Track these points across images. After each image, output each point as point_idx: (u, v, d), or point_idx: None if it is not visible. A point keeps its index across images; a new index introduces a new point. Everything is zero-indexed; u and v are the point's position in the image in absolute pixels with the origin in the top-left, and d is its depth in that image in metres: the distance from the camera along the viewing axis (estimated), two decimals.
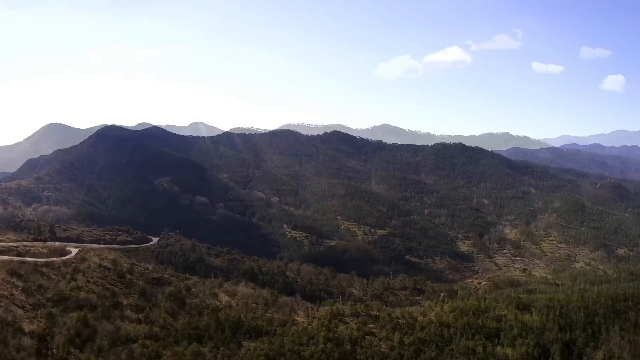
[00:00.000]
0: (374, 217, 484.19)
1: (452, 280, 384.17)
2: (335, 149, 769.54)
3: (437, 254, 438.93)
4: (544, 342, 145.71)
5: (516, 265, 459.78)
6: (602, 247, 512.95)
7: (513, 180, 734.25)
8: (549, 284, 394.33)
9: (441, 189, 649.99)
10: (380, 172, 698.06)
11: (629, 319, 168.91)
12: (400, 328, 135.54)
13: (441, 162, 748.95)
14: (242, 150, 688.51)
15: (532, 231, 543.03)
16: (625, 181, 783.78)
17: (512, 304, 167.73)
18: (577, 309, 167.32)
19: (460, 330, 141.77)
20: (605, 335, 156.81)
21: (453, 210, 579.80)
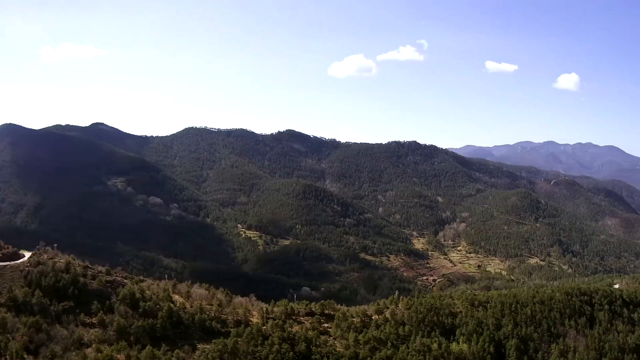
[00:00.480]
0: (329, 216, 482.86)
1: (407, 279, 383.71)
2: (290, 147, 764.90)
3: (391, 251, 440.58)
4: (500, 337, 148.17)
5: (471, 262, 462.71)
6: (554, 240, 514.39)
7: (468, 178, 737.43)
8: (504, 280, 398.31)
9: (395, 187, 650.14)
10: (335, 170, 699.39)
11: (585, 313, 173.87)
12: (355, 327, 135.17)
13: (395, 160, 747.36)
14: (197, 150, 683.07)
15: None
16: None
17: (467, 301, 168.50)
18: (532, 304, 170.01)
19: (416, 327, 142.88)
20: (561, 329, 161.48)
21: (407, 209, 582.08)
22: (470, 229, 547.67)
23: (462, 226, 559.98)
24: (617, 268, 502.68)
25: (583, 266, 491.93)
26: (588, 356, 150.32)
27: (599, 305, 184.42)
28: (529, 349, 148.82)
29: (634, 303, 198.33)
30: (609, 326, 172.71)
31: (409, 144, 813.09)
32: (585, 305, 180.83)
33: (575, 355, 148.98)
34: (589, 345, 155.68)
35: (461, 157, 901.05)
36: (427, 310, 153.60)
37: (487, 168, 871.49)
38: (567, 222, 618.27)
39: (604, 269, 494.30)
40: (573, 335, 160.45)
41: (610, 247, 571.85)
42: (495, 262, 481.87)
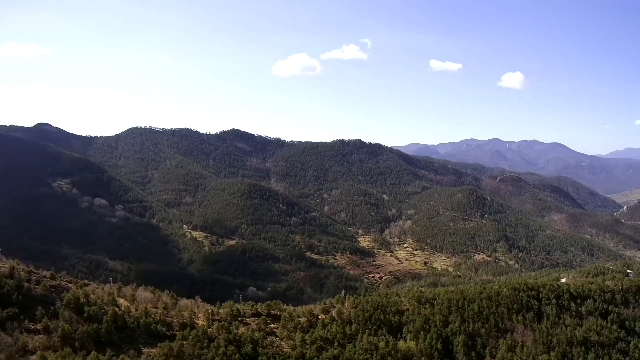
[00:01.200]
0: (274, 215, 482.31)
1: (353, 277, 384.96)
2: (235, 147, 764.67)
3: (337, 250, 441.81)
4: (447, 334, 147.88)
5: (417, 259, 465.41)
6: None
7: (413, 176, 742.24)
8: (451, 276, 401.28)
9: (341, 185, 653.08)
10: (280, 169, 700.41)
11: (532, 307, 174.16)
12: (301, 327, 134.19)
13: (341, 158, 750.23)
14: (142, 150, 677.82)
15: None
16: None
17: (414, 298, 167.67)
18: (479, 300, 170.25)
19: (363, 326, 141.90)
20: (508, 324, 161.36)
21: (353, 207, 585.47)
22: (416, 226, 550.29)
23: (408, 223, 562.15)
24: (563, 262, 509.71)
25: (529, 261, 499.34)
26: (536, 350, 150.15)
27: (546, 300, 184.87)
28: (476, 344, 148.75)
29: (581, 297, 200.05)
30: (557, 320, 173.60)
31: (354, 142, 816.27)
32: (533, 300, 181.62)
33: (523, 349, 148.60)
34: (536, 340, 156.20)
35: (406, 155, 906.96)
36: (373, 308, 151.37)
37: (433, 166, 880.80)
38: (513, 218, 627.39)
39: (551, 263, 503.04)
40: (521, 330, 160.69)
41: (557, 242, 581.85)
42: (441, 258, 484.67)
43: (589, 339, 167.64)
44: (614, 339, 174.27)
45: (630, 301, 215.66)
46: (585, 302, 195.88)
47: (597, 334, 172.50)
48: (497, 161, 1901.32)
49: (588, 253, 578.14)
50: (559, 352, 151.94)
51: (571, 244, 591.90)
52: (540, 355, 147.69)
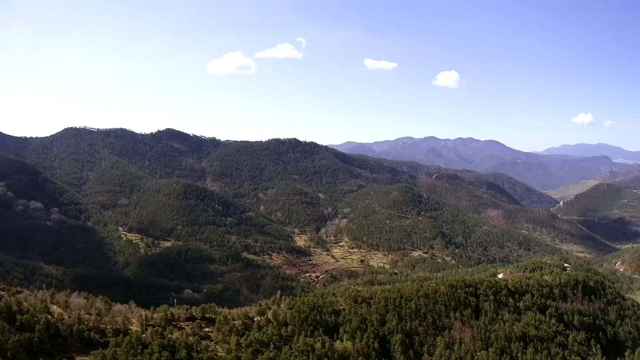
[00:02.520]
0: (210, 216, 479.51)
1: (289, 277, 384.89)
2: (170, 147, 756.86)
3: (274, 249, 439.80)
4: (384, 333, 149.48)
5: (354, 257, 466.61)
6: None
7: (349, 174, 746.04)
8: (387, 274, 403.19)
9: (277, 185, 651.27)
10: (216, 169, 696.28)
11: (470, 304, 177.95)
12: (237, 330, 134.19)
13: (276, 157, 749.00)
14: (77, 151, 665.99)
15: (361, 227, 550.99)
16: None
17: (350, 298, 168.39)
18: (416, 298, 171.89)
19: (299, 327, 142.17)
20: (446, 322, 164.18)
21: (289, 206, 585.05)
22: (353, 225, 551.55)
23: (344, 222, 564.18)
24: (500, 258, 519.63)
25: (466, 257, 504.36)
26: (474, 347, 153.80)
27: (484, 296, 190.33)
28: (414, 343, 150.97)
29: (519, 292, 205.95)
30: (495, 316, 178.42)
31: (289, 141, 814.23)
32: (471, 296, 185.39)
33: (461, 346, 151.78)
34: (475, 336, 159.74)
35: (342, 153, 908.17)
36: (309, 309, 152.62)
37: (368, 164, 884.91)
38: (450, 215, 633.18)
39: (487, 259, 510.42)
40: (459, 327, 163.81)
41: (493, 238, 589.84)
42: (378, 256, 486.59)
43: (528, 334, 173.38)
44: (553, 333, 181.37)
45: (568, 295, 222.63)
46: (523, 297, 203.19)
47: (535, 329, 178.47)
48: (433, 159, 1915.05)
49: (525, 248, 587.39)
50: (498, 347, 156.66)
51: (508, 239, 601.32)
52: (479, 351, 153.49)
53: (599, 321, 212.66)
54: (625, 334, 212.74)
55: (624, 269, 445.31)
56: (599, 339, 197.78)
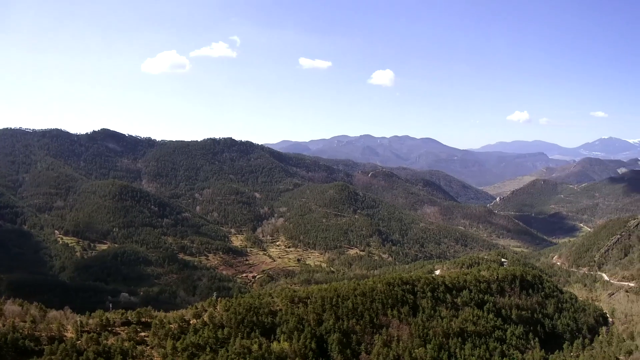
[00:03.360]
0: (146, 217, 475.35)
1: (226, 278, 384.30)
2: (106, 147, 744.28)
3: (210, 250, 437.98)
4: (322, 333, 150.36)
5: (290, 256, 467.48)
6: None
7: (285, 173, 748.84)
8: (324, 272, 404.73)
9: (212, 185, 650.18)
10: (151, 170, 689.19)
11: (408, 302, 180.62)
12: (172, 334, 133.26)
13: (212, 157, 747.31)
14: (13, 153, 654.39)
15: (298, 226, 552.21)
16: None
17: (287, 298, 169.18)
18: (353, 297, 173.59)
19: (235, 329, 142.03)
20: (384, 320, 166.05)
21: (225, 206, 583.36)
22: (289, 224, 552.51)
23: (281, 221, 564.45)
24: (437, 254, 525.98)
25: (403, 254, 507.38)
26: (412, 344, 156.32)
27: (421, 293, 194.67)
28: (351, 342, 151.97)
29: (456, 288, 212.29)
30: (433, 312, 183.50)
31: (225, 141, 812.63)
32: (408, 294, 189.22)
33: (399, 344, 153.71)
34: (412, 333, 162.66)
35: (278, 152, 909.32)
36: (246, 310, 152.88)
37: (304, 162, 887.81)
38: (386, 212, 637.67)
39: (424, 255, 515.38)
40: (396, 325, 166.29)
41: (430, 234, 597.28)
42: (315, 254, 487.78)
43: (466, 330, 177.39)
44: (491, 328, 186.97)
45: (506, 290, 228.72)
46: (461, 293, 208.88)
47: (473, 324, 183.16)
48: (368, 157, 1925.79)
49: (462, 244, 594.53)
50: (436, 344, 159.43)
51: (445, 235, 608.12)
52: (417, 348, 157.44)
53: (537, 315, 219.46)
54: (564, 326, 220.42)
55: (561, 262, 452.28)
56: (537, 332, 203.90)
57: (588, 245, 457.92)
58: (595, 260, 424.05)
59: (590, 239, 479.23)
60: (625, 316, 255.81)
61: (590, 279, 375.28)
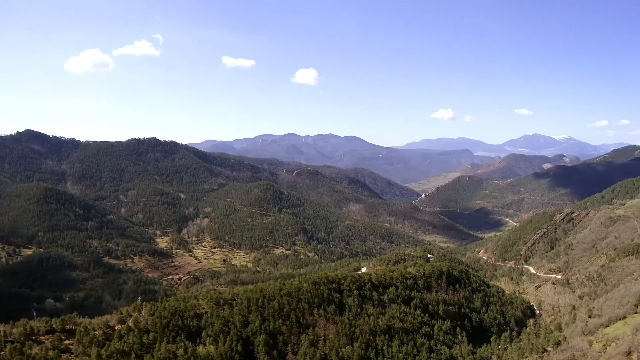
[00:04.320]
0: (71, 220, 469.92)
1: (152, 281, 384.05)
2: (30, 149, 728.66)
3: (136, 253, 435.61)
4: (248, 335, 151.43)
5: (216, 257, 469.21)
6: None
7: (209, 173, 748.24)
8: (250, 272, 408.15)
9: (137, 186, 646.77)
10: (76, 171, 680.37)
11: (334, 300, 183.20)
12: (97, 341, 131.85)
13: (136, 158, 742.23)
14: None
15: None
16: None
17: (212, 300, 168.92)
18: (279, 297, 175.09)
19: (160, 334, 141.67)
20: (310, 319, 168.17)
21: (150, 207, 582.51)
22: (214, 224, 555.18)
23: (206, 221, 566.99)
24: (363, 251, 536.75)
25: (329, 252, 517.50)
26: (339, 343, 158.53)
27: (347, 292, 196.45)
28: (278, 342, 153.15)
29: (383, 285, 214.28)
30: (359, 311, 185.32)
31: (149, 141, 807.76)
32: (334, 292, 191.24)
33: (325, 343, 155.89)
34: (339, 332, 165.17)
35: (202, 152, 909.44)
36: (171, 314, 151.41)
37: (229, 162, 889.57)
38: (312, 211, 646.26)
39: (350, 253, 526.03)
40: (323, 324, 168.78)
41: (355, 232, 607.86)
42: (240, 254, 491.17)
43: (393, 327, 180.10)
44: (418, 324, 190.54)
45: (432, 285, 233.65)
46: (387, 290, 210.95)
47: (400, 321, 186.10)
48: (293, 155, 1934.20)
49: (388, 241, 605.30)
50: (363, 342, 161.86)
51: (370, 232, 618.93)
52: (344, 347, 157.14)
53: (464, 309, 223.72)
54: (491, 320, 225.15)
55: (487, 257, 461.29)
56: (464, 326, 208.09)
57: (514, 239, 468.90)
58: (521, 253, 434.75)
59: (516, 233, 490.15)
60: (552, 308, 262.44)
61: (517, 273, 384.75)
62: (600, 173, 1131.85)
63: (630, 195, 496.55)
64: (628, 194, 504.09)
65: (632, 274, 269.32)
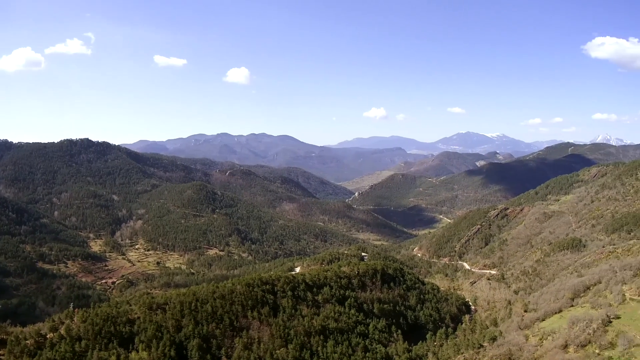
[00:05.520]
0: (4, 225, 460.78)
1: (85, 285, 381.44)
2: None
3: (69, 257, 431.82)
4: (181, 339, 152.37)
5: (150, 259, 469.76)
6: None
7: (142, 174, 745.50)
8: (184, 274, 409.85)
9: (70, 188, 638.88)
10: (9, 174, 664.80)
11: (268, 302, 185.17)
12: (29, 350, 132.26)
13: (69, 159, 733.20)
14: None
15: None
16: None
17: (145, 305, 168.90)
18: (213, 300, 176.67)
19: (93, 341, 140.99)
20: (244, 322, 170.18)
21: (83, 210, 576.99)
22: (148, 226, 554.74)
23: (139, 223, 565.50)
24: (297, 251, 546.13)
25: (263, 252, 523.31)
26: (273, 345, 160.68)
27: (281, 293, 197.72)
28: (211, 346, 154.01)
29: (317, 285, 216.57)
30: (294, 312, 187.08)
31: (82, 142, 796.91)
32: (268, 294, 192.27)
33: (260, 346, 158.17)
34: (273, 334, 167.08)
35: (134, 152, 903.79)
36: (103, 320, 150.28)
37: (162, 162, 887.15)
38: (245, 211, 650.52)
39: (284, 253, 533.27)
40: (257, 326, 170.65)
41: (289, 231, 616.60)
42: (174, 257, 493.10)
43: (328, 327, 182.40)
44: (353, 324, 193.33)
45: (367, 284, 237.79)
46: (321, 290, 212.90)
47: (335, 321, 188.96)
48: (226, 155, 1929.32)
49: (322, 239, 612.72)
50: (297, 343, 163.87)
51: (304, 232, 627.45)
52: (278, 349, 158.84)
53: (399, 307, 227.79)
54: (426, 317, 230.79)
55: (422, 254, 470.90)
56: (400, 324, 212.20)
57: (448, 236, 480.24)
58: (456, 250, 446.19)
59: (450, 230, 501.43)
60: (487, 303, 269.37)
61: (452, 269, 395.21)
62: (533, 170, 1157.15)
63: (564, 191, 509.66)
64: (562, 189, 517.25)
65: (567, 268, 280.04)
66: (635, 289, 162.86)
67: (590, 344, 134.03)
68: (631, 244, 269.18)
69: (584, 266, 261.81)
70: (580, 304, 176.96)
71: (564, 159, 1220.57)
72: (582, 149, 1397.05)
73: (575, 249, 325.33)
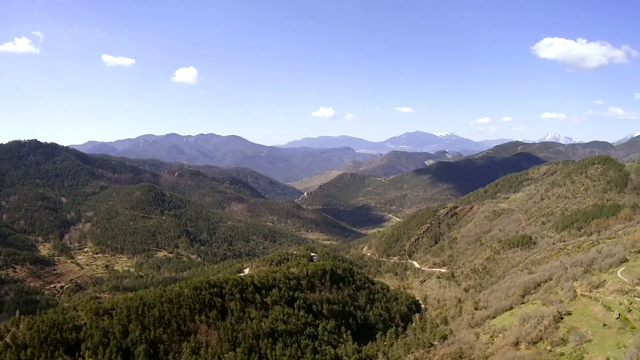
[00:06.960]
0: None
1: (34, 290, 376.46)
2: None
3: (17, 262, 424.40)
4: (128, 345, 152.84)
5: (98, 262, 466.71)
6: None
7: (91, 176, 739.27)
8: (133, 277, 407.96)
9: (19, 190, 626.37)
10: None
11: (216, 305, 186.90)
12: None
13: (17, 161, 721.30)
14: None
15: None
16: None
17: (91, 311, 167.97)
18: (160, 304, 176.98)
19: (39, 349, 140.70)
20: (192, 326, 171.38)
21: (32, 213, 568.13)
22: (96, 229, 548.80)
23: (88, 226, 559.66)
24: (246, 251, 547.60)
25: (212, 253, 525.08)
26: (221, 349, 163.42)
27: (230, 296, 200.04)
28: (159, 351, 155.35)
29: (265, 287, 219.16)
30: (242, 315, 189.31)
31: (30, 143, 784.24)
32: (216, 297, 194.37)
33: (208, 350, 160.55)
34: (222, 338, 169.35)
35: (83, 154, 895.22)
36: (49, 327, 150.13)
37: (110, 164, 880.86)
38: (194, 212, 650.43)
39: (233, 254, 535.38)
40: (204, 330, 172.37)
41: (238, 232, 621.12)
42: (123, 259, 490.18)
43: (276, 329, 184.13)
44: (302, 325, 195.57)
45: (316, 285, 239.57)
46: (270, 292, 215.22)
47: (284, 323, 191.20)
48: (175, 156, 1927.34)
49: (271, 240, 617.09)
50: (246, 347, 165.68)
51: (253, 232, 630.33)
52: (226, 353, 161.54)
53: (348, 308, 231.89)
54: (376, 317, 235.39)
55: (371, 253, 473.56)
56: (349, 325, 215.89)
57: (398, 235, 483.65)
58: (405, 249, 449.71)
59: (400, 229, 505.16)
60: (437, 302, 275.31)
61: (402, 268, 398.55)
62: (482, 168, 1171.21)
63: (514, 189, 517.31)
64: (512, 187, 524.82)
65: (517, 265, 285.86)
66: (586, 285, 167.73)
67: (541, 341, 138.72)
68: (581, 240, 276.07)
69: (534, 263, 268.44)
70: (531, 301, 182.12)
71: (513, 158, 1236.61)
72: (532, 147, 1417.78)
73: (526, 247, 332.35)
